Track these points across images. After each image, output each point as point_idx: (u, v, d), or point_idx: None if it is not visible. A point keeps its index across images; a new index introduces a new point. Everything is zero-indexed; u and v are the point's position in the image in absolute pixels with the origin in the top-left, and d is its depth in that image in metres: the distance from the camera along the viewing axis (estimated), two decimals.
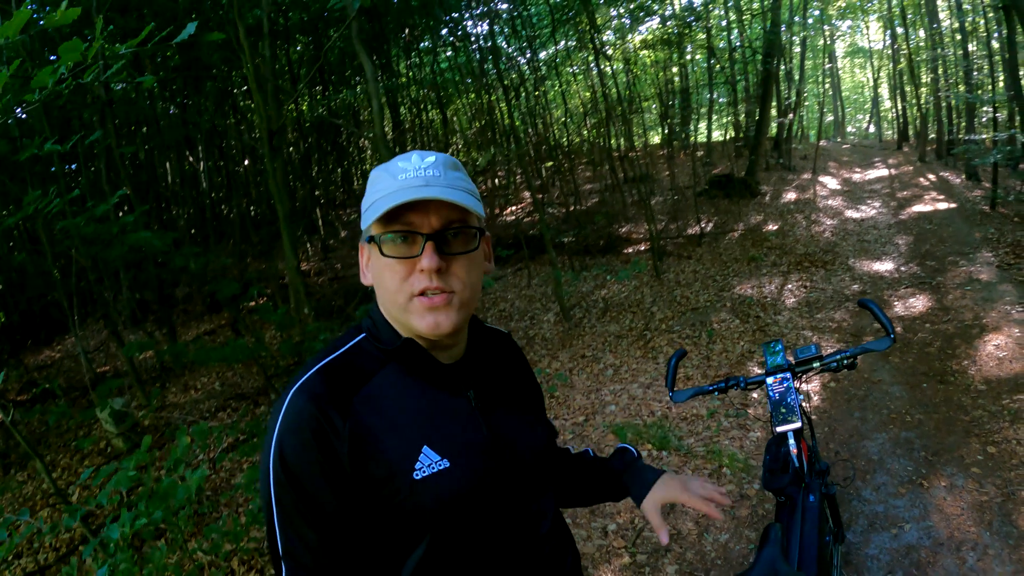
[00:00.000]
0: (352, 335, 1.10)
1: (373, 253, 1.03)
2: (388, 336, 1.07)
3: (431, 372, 1.07)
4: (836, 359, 2.18)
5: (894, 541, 3.17)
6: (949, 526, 3.25)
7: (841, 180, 15.72)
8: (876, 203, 12.87)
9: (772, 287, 8.05)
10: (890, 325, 2.14)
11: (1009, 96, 9.40)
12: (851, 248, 9.64)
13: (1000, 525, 3.22)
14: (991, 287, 7.03)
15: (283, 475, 0.96)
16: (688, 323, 7.09)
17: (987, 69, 13.68)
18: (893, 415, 4.58)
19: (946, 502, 3.46)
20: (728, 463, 4.09)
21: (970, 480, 3.64)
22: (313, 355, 1.09)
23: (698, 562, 3.26)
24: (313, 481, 0.96)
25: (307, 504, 0.97)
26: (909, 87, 21.42)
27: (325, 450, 0.96)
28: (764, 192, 13.46)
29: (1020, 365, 5.06)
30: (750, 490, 3.83)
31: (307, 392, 0.99)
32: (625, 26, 15.07)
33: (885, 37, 24.15)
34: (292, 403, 0.98)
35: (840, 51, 30.52)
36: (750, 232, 10.62)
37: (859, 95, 37.47)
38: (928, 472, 3.78)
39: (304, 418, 0.96)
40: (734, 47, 16.87)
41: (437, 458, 1.01)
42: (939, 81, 18.01)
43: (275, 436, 0.97)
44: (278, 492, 0.97)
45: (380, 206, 0.97)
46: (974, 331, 5.91)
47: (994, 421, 4.28)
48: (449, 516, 1.02)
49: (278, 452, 0.97)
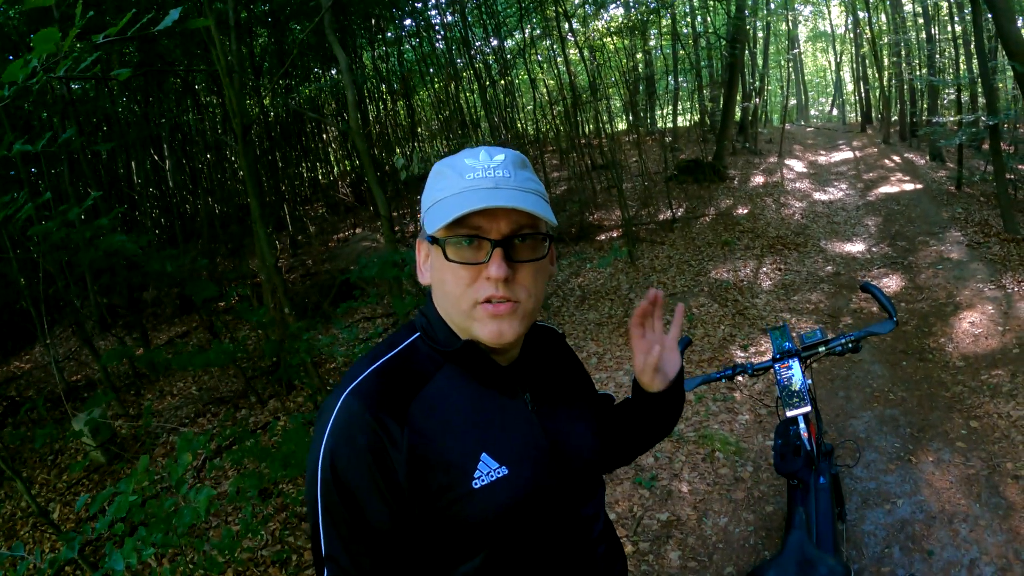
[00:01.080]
0: (406, 334, 1.07)
1: (435, 254, 0.98)
2: (445, 337, 1.03)
3: (489, 375, 1.03)
4: (841, 343, 2.20)
5: (888, 516, 3.21)
6: (940, 500, 3.31)
7: (807, 163, 15.91)
8: (843, 185, 13.05)
9: (747, 270, 8.12)
10: (892, 308, 2.16)
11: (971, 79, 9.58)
12: (822, 230, 9.77)
13: (988, 497, 3.28)
14: (962, 265, 7.17)
15: (332, 482, 0.93)
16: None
17: (950, 52, 13.93)
18: (876, 394, 4.66)
19: (935, 476, 3.52)
20: (720, 447, 4.12)
21: (956, 454, 3.71)
22: (364, 353, 1.07)
23: (700, 546, 3.28)
24: (364, 492, 0.93)
25: (356, 514, 0.93)
26: (872, 70, 21.76)
27: (380, 460, 0.92)
28: (732, 176, 13.54)
29: (995, 341, 5.17)
30: (744, 473, 3.86)
31: (362, 396, 0.95)
32: (589, 13, 15.05)
33: (847, 21, 24.49)
34: (345, 407, 0.95)
35: (802, 35, 30.86)
36: (721, 216, 10.69)
37: (821, 79, 37.93)
38: (915, 448, 3.84)
39: (358, 425, 0.93)
40: (699, 33, 16.95)
41: (496, 465, 0.98)
42: (902, 64, 18.30)
43: (325, 440, 0.94)
44: (325, 498, 0.94)
45: (447, 210, 0.92)
46: (948, 309, 6.03)
47: (974, 396, 4.37)
48: (507, 524, 0.99)
49: (328, 458, 0.93)
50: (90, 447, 5.56)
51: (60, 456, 5.82)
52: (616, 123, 21.33)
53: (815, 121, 32.60)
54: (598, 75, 15.34)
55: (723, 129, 14.67)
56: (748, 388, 4.93)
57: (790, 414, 2.17)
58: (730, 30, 14.47)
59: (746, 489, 3.70)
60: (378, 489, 0.92)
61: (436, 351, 1.02)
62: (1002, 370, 4.65)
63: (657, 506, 3.65)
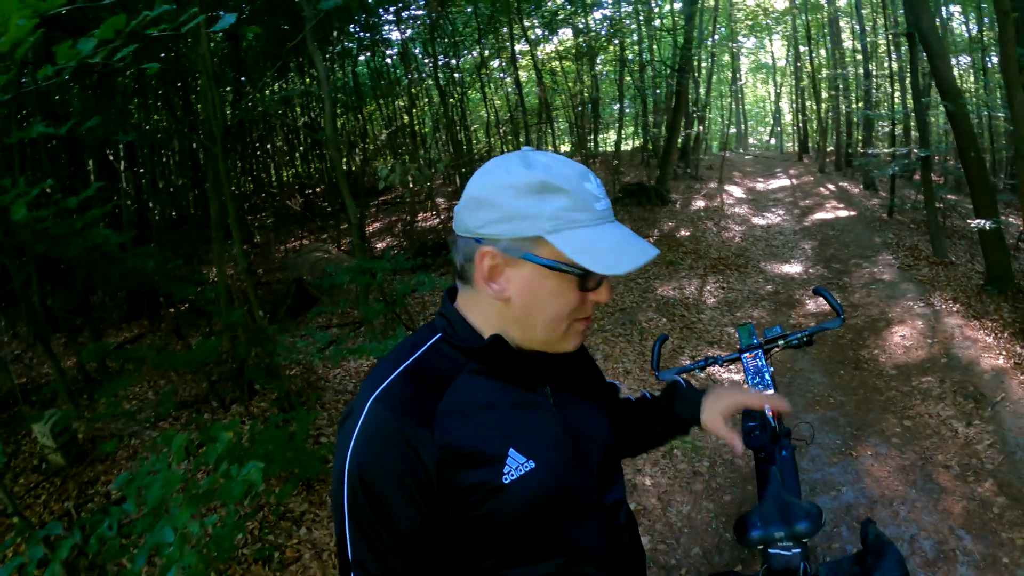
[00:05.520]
0: (427, 335, 1.06)
1: (542, 277, 0.97)
2: (467, 335, 1.03)
3: (513, 369, 1.04)
4: (797, 336, 2.50)
5: (835, 502, 3.54)
6: (880, 487, 3.66)
7: (746, 189, 16.59)
8: (780, 211, 13.65)
9: (692, 288, 8.49)
10: (840, 307, 2.48)
11: (905, 113, 10.27)
12: (761, 252, 10.24)
13: (923, 483, 3.66)
14: (894, 286, 7.70)
15: (360, 489, 0.93)
16: (618, 323, 7.39)
17: (885, 87, 14.77)
18: (818, 399, 5.03)
19: (874, 467, 3.88)
20: (679, 445, 4.39)
21: (892, 449, 4.08)
22: (385, 356, 1.06)
23: (667, 531, 3.54)
24: (394, 499, 0.93)
25: (385, 521, 0.93)
26: (810, 102, 22.78)
27: (409, 466, 0.92)
28: (675, 200, 14.03)
29: (924, 352, 5.63)
30: (701, 468, 4.14)
31: (389, 401, 0.95)
32: (540, 36, 15.43)
33: (788, 55, 25.60)
34: (373, 413, 0.94)
35: (745, 67, 32.07)
36: (665, 238, 11.09)
37: (761, 108, 39.27)
38: (855, 444, 4.21)
39: (387, 430, 0.93)
40: (646, 61, 17.55)
41: (523, 459, 0.99)
42: (839, 97, 19.32)
43: (352, 446, 0.94)
44: (353, 504, 0.95)
45: (599, 255, 0.94)
46: (881, 324, 6.48)
47: (907, 399, 4.78)
48: (538, 517, 1.00)
49: (355, 464, 0.94)
50: (49, 449, 5.46)
51: (14, 460, 5.70)
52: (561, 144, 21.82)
53: (754, 149, 33.81)
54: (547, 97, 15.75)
55: (667, 154, 15.16)
56: None
57: None
58: (676, 59, 15.05)
59: (704, 481, 3.99)
60: (408, 495, 0.93)
61: (459, 349, 1.02)
62: (931, 376, 5.09)
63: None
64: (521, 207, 0.93)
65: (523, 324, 1.01)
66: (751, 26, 19.18)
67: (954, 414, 4.47)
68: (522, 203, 0.93)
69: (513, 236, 0.94)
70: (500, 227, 0.94)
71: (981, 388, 4.80)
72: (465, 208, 0.98)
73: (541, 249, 0.95)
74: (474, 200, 0.97)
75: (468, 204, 0.98)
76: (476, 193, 0.97)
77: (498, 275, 0.98)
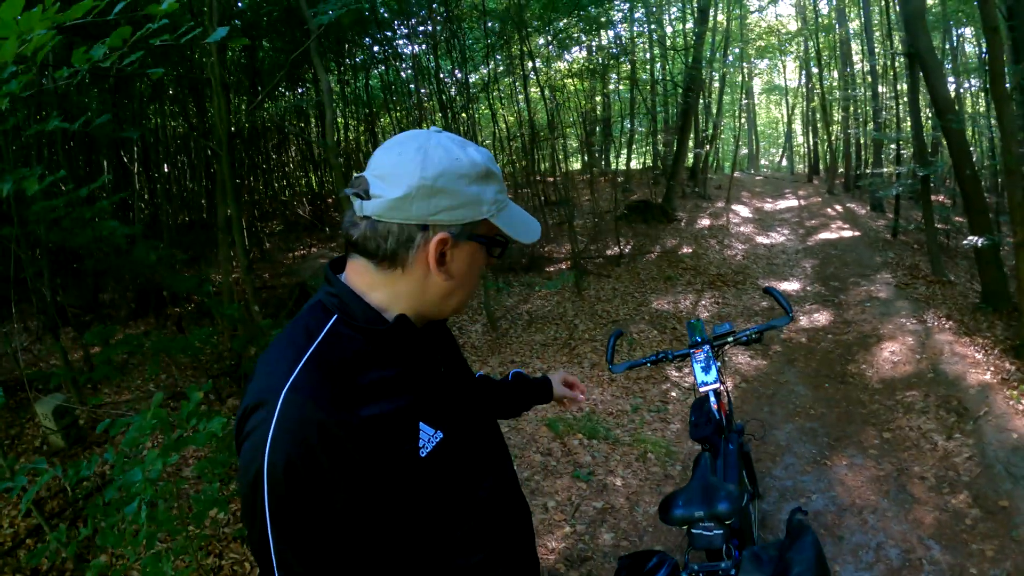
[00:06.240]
0: (321, 317, 1.03)
1: (477, 252, 1.06)
2: (366, 315, 1.02)
3: (413, 347, 1.06)
4: (746, 334, 2.63)
5: (804, 507, 3.61)
6: (851, 495, 3.73)
7: (753, 209, 16.66)
8: (785, 230, 13.73)
9: (687, 303, 8.56)
10: (788, 305, 2.60)
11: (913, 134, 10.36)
12: (760, 270, 10.32)
13: (896, 493, 3.73)
14: (888, 303, 7.76)
15: (284, 484, 0.89)
16: (610, 334, 7.48)
17: (894, 109, 14.81)
18: (799, 410, 5.11)
19: (848, 477, 3.96)
20: (652, 448, 4.49)
21: (868, 460, 4.16)
22: (275, 342, 1.03)
23: (631, 530, 3.63)
24: (321, 490, 0.91)
25: (313, 515, 0.92)
26: (821, 124, 22.84)
27: (336, 453, 0.91)
28: (680, 218, 14.12)
29: (911, 367, 5.69)
30: (673, 471, 4.24)
31: (304, 391, 0.92)
32: (552, 54, 15.60)
33: (801, 76, 25.65)
34: (290, 403, 0.90)
35: (757, 88, 32.04)
36: (666, 254, 11.17)
37: (773, 130, 39.30)
38: (831, 454, 4.28)
39: (308, 420, 0.90)
40: (656, 80, 17.66)
41: (431, 431, 1.02)
42: (849, 119, 19.37)
43: (270, 444, 0.89)
44: (275, 507, 0.90)
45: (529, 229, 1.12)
46: (871, 340, 6.55)
47: (889, 413, 4.85)
48: (453, 484, 1.07)
49: (277, 463, 0.89)
50: (50, 431, 5.65)
51: (17, 441, 5.88)
52: (571, 162, 21.94)
53: (765, 170, 33.83)
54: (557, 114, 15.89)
55: (674, 173, 15.25)
56: (682, 402, 5.34)
57: (702, 390, 2.62)
58: (686, 78, 15.17)
59: (675, 484, 4.07)
60: (335, 484, 0.92)
61: (358, 330, 1.01)
62: (916, 391, 5.16)
63: (593, 496, 3.99)
64: (472, 193, 0.99)
65: (446, 298, 1.06)
66: (763, 47, 19.29)
67: (935, 427, 4.53)
68: (472, 189, 1.00)
69: (465, 221, 1.00)
70: (454, 213, 0.98)
71: (965, 402, 4.85)
72: (412, 196, 0.95)
73: (480, 228, 1.03)
74: (425, 188, 0.95)
75: (417, 192, 0.95)
76: (427, 182, 0.95)
77: (446, 258, 1.02)
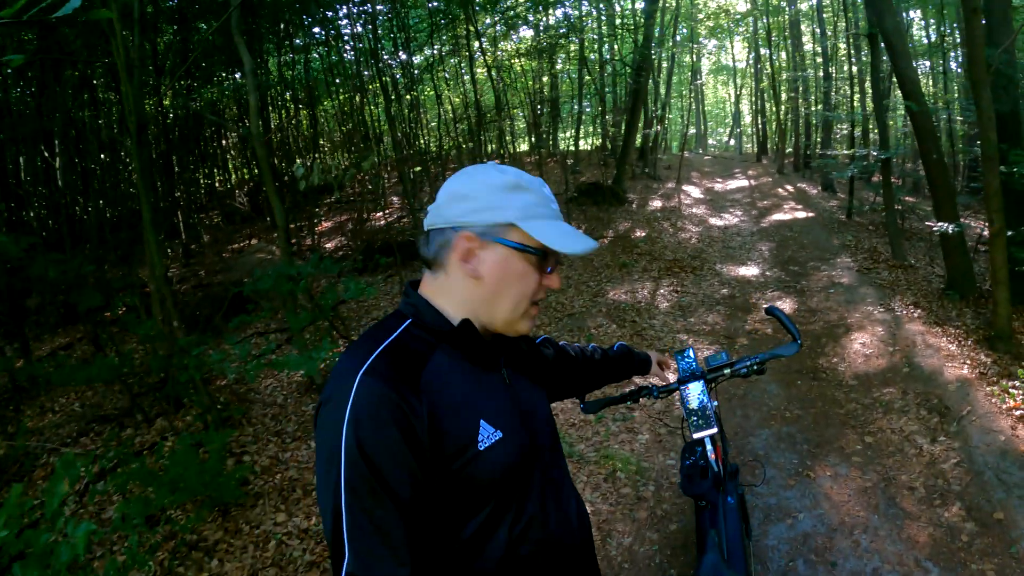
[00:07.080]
0: (398, 321, 1.15)
1: (510, 258, 1.13)
2: (435, 321, 1.15)
3: (477, 352, 1.16)
4: (747, 365, 2.17)
5: (791, 531, 3.28)
6: (839, 512, 3.41)
7: (704, 189, 16.51)
8: (738, 212, 13.58)
9: (645, 292, 8.26)
10: (796, 331, 2.15)
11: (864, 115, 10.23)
12: (717, 254, 10.09)
13: (886, 507, 3.42)
14: (852, 290, 7.56)
15: (360, 459, 0.98)
16: (566, 328, 7.13)
17: (845, 90, 14.83)
18: (773, 412, 4.79)
19: (833, 490, 3.64)
20: (622, 467, 4.11)
21: (853, 468, 3.85)
22: (356, 343, 1.13)
23: (606, 568, 3.24)
24: (392, 463, 0.99)
25: (384, 487, 0.99)
26: (770, 103, 22.91)
27: (405, 431, 1.00)
28: (631, 200, 13.88)
29: (885, 361, 5.45)
30: (646, 492, 3.86)
31: (378, 374, 1.02)
32: (499, 34, 15.15)
33: (749, 57, 25.70)
34: (364, 386, 1.01)
35: (705, 68, 32.22)
36: (620, 239, 10.91)
37: (721, 110, 39.70)
38: (813, 463, 3.97)
39: (382, 400, 1.00)
40: (606, 60, 17.36)
41: (492, 430, 1.11)
42: (799, 99, 19.39)
43: (347, 420, 0.99)
44: (350, 476, 0.98)
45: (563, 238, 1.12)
46: (840, 331, 6.31)
47: (867, 413, 4.57)
48: (508, 480, 1.13)
49: (353, 436, 0.98)
50: None
51: None
52: (519, 143, 21.58)
53: (713, 150, 34.15)
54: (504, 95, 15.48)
55: (624, 154, 15.03)
56: (648, 407, 4.97)
57: (696, 436, 2.10)
58: (636, 59, 14.89)
59: (648, 508, 3.70)
60: (405, 461, 1.00)
61: (430, 332, 1.14)
62: (893, 388, 4.90)
63: None
64: (496, 199, 1.12)
65: (490, 304, 1.16)
66: (712, 27, 19.14)
67: (918, 429, 4.28)
68: (497, 197, 1.12)
69: (488, 222, 1.12)
70: (477, 215, 1.11)
71: (946, 400, 4.61)
72: (443, 203, 1.14)
73: (511, 234, 1.12)
74: (454, 195, 1.14)
75: (447, 199, 1.14)
76: (456, 189, 1.14)
77: (472, 256, 1.13)
